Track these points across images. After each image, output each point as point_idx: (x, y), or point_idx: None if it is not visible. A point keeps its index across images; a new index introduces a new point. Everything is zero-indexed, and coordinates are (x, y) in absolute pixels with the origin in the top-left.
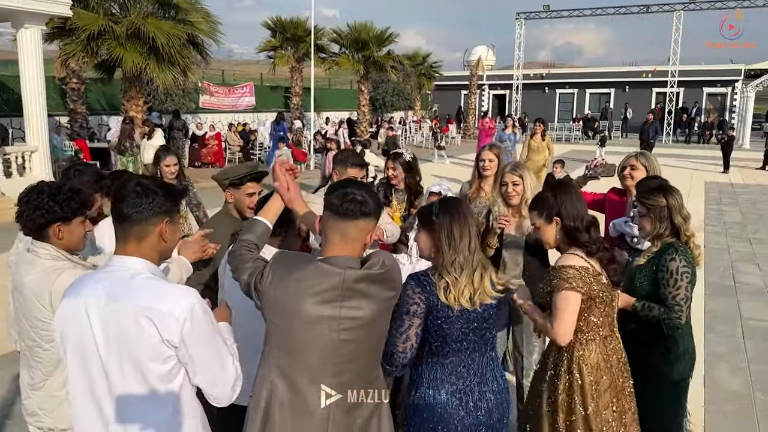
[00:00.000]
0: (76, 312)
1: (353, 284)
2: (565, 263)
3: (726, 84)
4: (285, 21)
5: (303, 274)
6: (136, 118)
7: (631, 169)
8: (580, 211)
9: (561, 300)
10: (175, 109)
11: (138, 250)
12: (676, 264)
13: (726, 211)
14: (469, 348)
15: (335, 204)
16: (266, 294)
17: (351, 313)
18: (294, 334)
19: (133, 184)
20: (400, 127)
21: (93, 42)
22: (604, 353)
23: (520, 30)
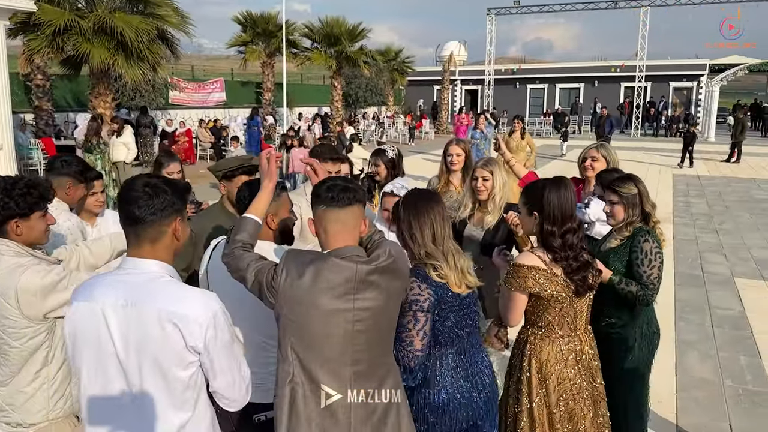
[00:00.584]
0: (92, 314)
1: (365, 277)
2: (518, 261)
3: (692, 78)
4: (256, 16)
5: (317, 271)
6: (105, 114)
7: (592, 160)
8: (563, 214)
9: (509, 297)
10: (142, 106)
11: (153, 252)
12: (650, 245)
13: (693, 202)
14: (470, 332)
15: (328, 196)
16: (282, 292)
17: (364, 304)
18: (312, 328)
19: (142, 185)
20: (374, 122)
21: (58, 37)
22: (558, 352)
23: (491, 25)
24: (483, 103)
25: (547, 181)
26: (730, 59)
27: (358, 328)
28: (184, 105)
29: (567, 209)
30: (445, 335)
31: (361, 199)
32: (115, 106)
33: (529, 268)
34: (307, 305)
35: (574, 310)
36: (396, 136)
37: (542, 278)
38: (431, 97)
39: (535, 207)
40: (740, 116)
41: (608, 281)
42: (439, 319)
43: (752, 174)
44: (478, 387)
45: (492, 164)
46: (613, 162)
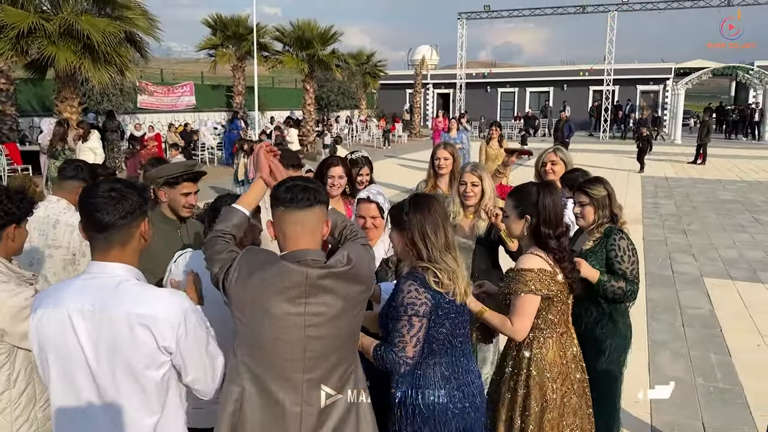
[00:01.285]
0: (59, 321)
1: (317, 281)
2: (524, 266)
3: (658, 82)
4: (226, 19)
5: (267, 272)
6: (71, 119)
7: (552, 164)
8: (557, 217)
9: (520, 303)
10: (109, 110)
11: (121, 255)
12: (626, 242)
13: (662, 204)
14: (463, 341)
15: (287, 197)
16: (231, 292)
17: (316, 309)
18: (261, 331)
19: (107, 190)
20: (347, 126)
21: (22, 40)
22: (561, 349)
23: (462, 30)
24: (455, 106)
25: (539, 186)
26: (695, 63)
27: (311, 334)
28: (153, 109)
29: (559, 212)
30: (439, 342)
31: (322, 200)
32: (82, 111)
33: (536, 272)
34: (256, 307)
35: (567, 307)
36: (369, 140)
37: (548, 279)
38: (403, 101)
39: (529, 211)
40: (706, 119)
41: (597, 281)
42: (434, 326)
43: (717, 175)
44: (470, 397)
45: (480, 169)
46: (569, 164)
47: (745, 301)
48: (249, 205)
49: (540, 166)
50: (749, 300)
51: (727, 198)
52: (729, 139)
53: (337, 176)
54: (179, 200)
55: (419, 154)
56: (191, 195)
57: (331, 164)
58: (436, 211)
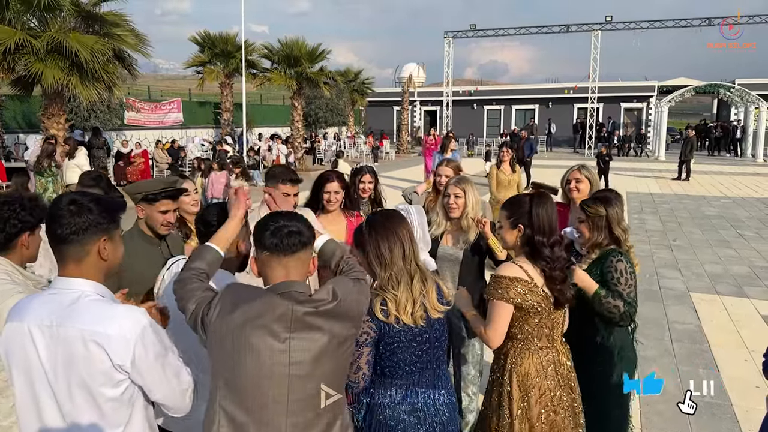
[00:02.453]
0: (20, 335)
1: (302, 317)
2: (500, 273)
3: (641, 99)
4: (214, 36)
5: (251, 306)
6: (58, 136)
7: (576, 182)
8: (551, 227)
9: (492, 308)
10: (95, 127)
11: (78, 271)
12: (624, 264)
13: (647, 219)
14: (423, 367)
15: (273, 243)
16: (212, 327)
17: (301, 344)
18: (243, 369)
19: (67, 202)
20: (335, 142)
21: (9, 57)
22: (538, 364)
23: (449, 48)
24: (442, 123)
25: (532, 196)
26: (678, 81)
27: (295, 372)
28: (140, 126)
29: (552, 222)
30: (390, 368)
31: (307, 242)
32: (69, 127)
33: (511, 279)
34: (239, 342)
35: (552, 321)
36: (357, 156)
37: (523, 288)
38: (391, 117)
39: (521, 221)
40: (689, 135)
41: (594, 294)
42: (384, 353)
43: (702, 191)
44: (426, 424)
45: (464, 182)
46: (595, 181)
47: (731, 316)
48: (224, 243)
49: (565, 184)
50: (736, 315)
51: (711, 214)
52: (712, 156)
53: (333, 191)
54: (157, 218)
55: (408, 170)
56: (170, 213)
57: (327, 179)
58: (395, 229)
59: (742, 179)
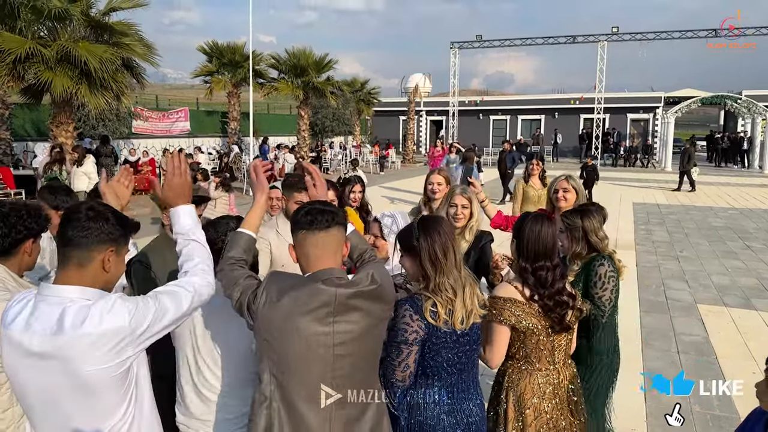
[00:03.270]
0: (10, 346)
1: (345, 300)
2: (496, 293)
3: (648, 110)
4: (222, 46)
5: (296, 294)
6: (66, 144)
7: (564, 191)
8: (538, 251)
9: (489, 330)
10: (103, 135)
11: (79, 277)
12: (605, 269)
13: (654, 230)
14: (461, 369)
15: (306, 220)
16: (260, 315)
17: (344, 327)
18: (290, 352)
19: (86, 208)
20: (341, 151)
21: (19, 65)
22: (535, 385)
23: (455, 59)
24: (448, 133)
25: (533, 215)
26: (684, 92)
27: (339, 352)
28: (148, 134)
29: (542, 245)
30: (433, 369)
31: (341, 222)
32: (77, 136)
33: (505, 300)
34: (286, 328)
35: (552, 343)
36: (363, 165)
37: (518, 310)
38: (397, 127)
39: (514, 235)
40: (687, 146)
41: None
42: (428, 353)
43: (709, 202)
44: (462, 424)
45: (469, 192)
46: (581, 191)
47: (739, 328)
48: (254, 226)
49: (552, 193)
50: (743, 327)
51: (718, 225)
52: (719, 167)
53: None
54: None
55: (413, 180)
56: None
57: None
58: (445, 232)
59: (749, 190)
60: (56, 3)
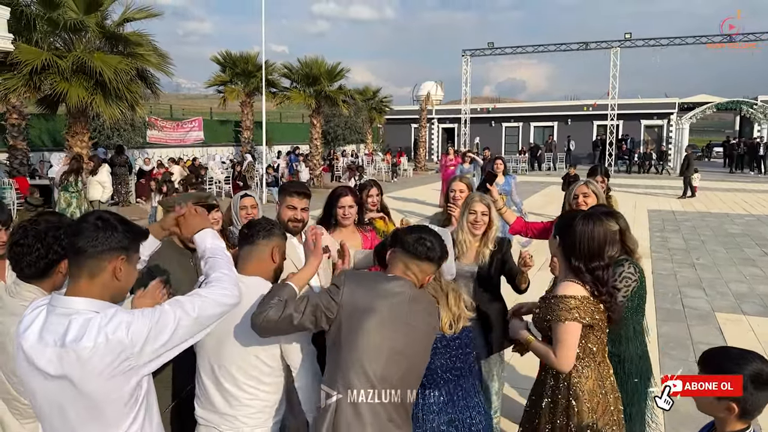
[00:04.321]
0: (23, 356)
1: (415, 302)
2: (567, 293)
3: (662, 116)
4: (235, 56)
5: (377, 282)
6: (82, 154)
7: (584, 196)
8: (592, 251)
9: (563, 331)
10: (118, 145)
11: (89, 288)
12: (623, 269)
13: (670, 237)
14: (458, 375)
15: (408, 242)
16: (344, 302)
17: (415, 322)
18: (367, 334)
19: (94, 218)
20: (353, 159)
21: (35, 76)
22: (599, 379)
23: (466, 66)
24: (460, 140)
25: (585, 213)
26: (699, 98)
27: (400, 348)
28: (162, 144)
29: (596, 245)
30: (428, 377)
31: (434, 259)
32: (92, 145)
33: (580, 299)
34: (367, 310)
35: (606, 335)
36: (375, 173)
37: (591, 306)
38: (409, 135)
39: (560, 233)
40: (687, 152)
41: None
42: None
43: (725, 209)
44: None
45: (487, 198)
46: (600, 196)
47: (758, 336)
48: (301, 283)
49: (572, 198)
50: (763, 335)
51: (735, 231)
52: (733, 173)
53: (348, 206)
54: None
55: (424, 188)
56: None
57: (340, 194)
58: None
59: (766, 197)
60: (72, 15)
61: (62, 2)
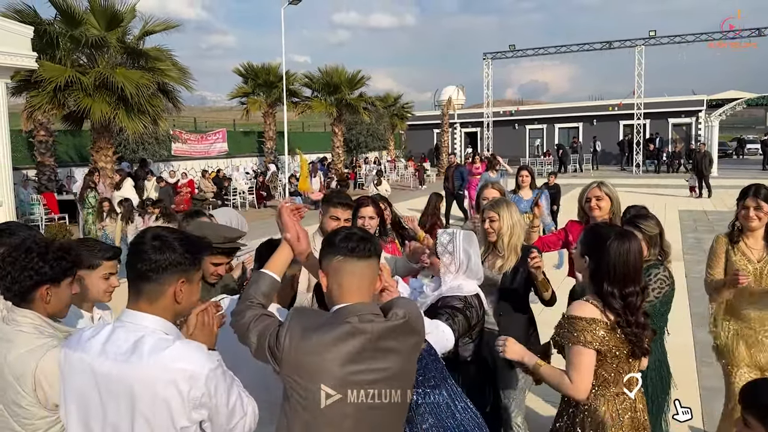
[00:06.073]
0: (82, 368)
1: (381, 342)
2: (575, 313)
3: (690, 114)
4: (257, 67)
5: (327, 335)
6: (106, 168)
7: (597, 199)
8: (627, 274)
9: (574, 355)
10: (142, 158)
11: (150, 309)
12: (657, 271)
13: (704, 239)
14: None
15: (347, 246)
16: (286, 360)
17: (379, 375)
18: (320, 399)
19: (151, 237)
20: (375, 166)
21: (60, 93)
22: (613, 411)
23: (488, 69)
24: (483, 144)
25: (618, 232)
26: (728, 94)
27: (370, 403)
28: (187, 156)
29: (630, 269)
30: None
31: (379, 252)
32: (117, 159)
33: (588, 321)
34: (317, 373)
35: (629, 366)
36: (398, 180)
37: (602, 331)
38: (431, 140)
39: (590, 253)
40: (706, 150)
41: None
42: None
43: None
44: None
45: (499, 205)
46: (616, 199)
47: None
48: (278, 269)
49: (584, 201)
50: None
51: None
52: (765, 170)
53: (368, 216)
54: (207, 267)
55: None
56: (221, 266)
57: (361, 204)
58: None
59: None
60: (93, 31)
61: (84, 19)
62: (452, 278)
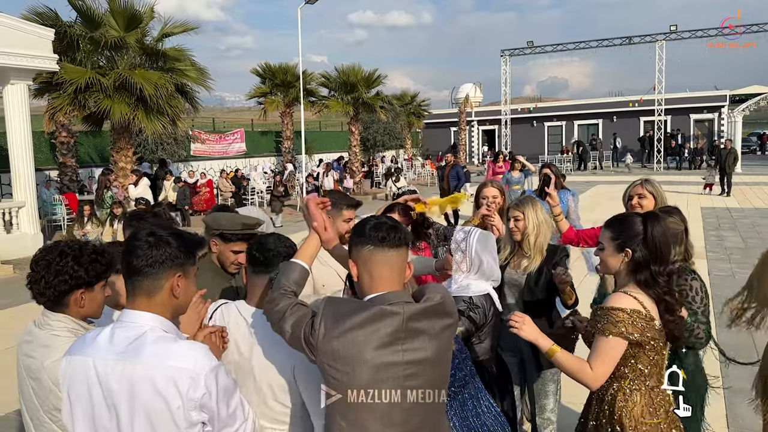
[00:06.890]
0: (84, 368)
1: (413, 323)
2: (616, 305)
3: (712, 110)
4: (274, 67)
5: (359, 320)
6: (125, 168)
7: (639, 197)
8: (668, 252)
9: (605, 345)
10: (161, 159)
11: (148, 306)
12: (699, 283)
13: (726, 236)
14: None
15: (378, 235)
16: (321, 347)
17: (414, 356)
18: (359, 385)
19: (145, 234)
20: (392, 164)
21: (80, 95)
22: (650, 405)
23: (506, 66)
24: (500, 142)
25: (645, 216)
26: (751, 89)
27: (409, 384)
28: (206, 156)
29: (667, 249)
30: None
31: (408, 241)
32: (137, 160)
33: (630, 312)
34: (353, 359)
35: (662, 357)
36: (415, 179)
37: (642, 322)
38: (448, 138)
39: (631, 244)
40: (732, 147)
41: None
42: None
43: None
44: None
45: (524, 204)
46: (660, 197)
47: None
48: (308, 258)
49: (627, 200)
50: None
51: None
52: None
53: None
54: (228, 256)
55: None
56: (242, 254)
57: (389, 211)
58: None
59: None
60: (113, 33)
61: (103, 21)
62: (462, 277)
